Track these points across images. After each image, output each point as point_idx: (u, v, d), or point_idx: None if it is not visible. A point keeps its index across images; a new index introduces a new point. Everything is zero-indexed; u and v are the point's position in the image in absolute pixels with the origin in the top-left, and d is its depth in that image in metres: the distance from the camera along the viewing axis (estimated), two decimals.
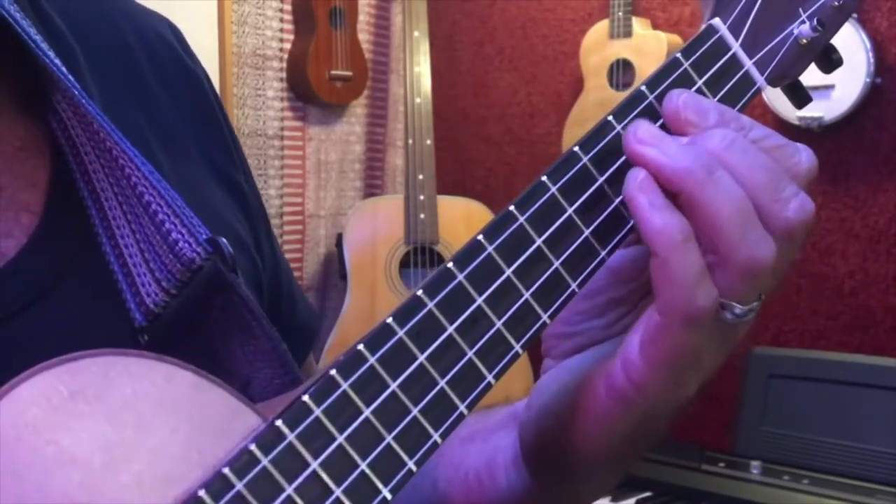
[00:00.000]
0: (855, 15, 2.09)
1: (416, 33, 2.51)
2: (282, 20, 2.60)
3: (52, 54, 0.49)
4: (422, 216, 2.46)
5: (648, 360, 0.43)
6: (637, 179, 0.42)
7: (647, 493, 1.77)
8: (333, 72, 2.59)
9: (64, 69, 0.49)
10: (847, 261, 2.20)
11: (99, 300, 0.49)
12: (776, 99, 2.10)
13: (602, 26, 2.45)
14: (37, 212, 0.50)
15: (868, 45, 2.07)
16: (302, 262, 2.67)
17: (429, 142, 2.49)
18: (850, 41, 2.07)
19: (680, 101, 0.45)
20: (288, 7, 2.60)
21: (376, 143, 2.86)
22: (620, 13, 2.39)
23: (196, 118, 0.61)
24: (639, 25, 2.40)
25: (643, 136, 0.43)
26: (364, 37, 2.75)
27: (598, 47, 2.46)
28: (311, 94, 2.58)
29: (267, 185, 2.56)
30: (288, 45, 2.61)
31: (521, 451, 0.51)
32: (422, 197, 2.47)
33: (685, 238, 0.41)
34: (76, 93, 0.48)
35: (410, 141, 2.49)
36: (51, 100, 0.50)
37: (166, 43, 0.62)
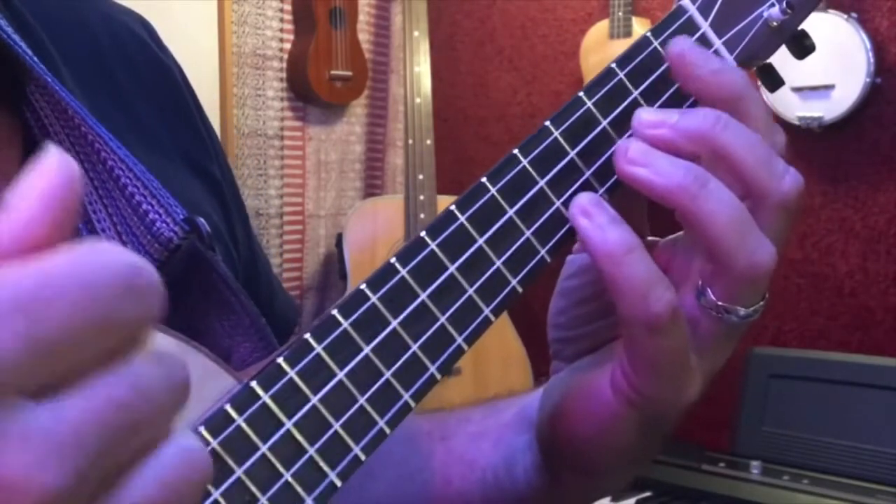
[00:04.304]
0: (855, 15, 2.09)
1: (416, 33, 2.52)
2: (282, 20, 2.60)
3: (24, 45, 0.49)
4: (422, 216, 2.46)
5: (637, 370, 0.43)
6: (579, 205, 0.43)
7: (647, 493, 1.77)
8: (333, 72, 2.59)
9: (36, 58, 0.49)
10: (847, 261, 2.20)
11: None
12: (776, 99, 2.10)
13: (602, 26, 2.45)
14: None
15: (868, 45, 2.06)
16: (302, 262, 2.67)
17: (429, 142, 2.49)
18: (850, 41, 2.07)
19: (685, 46, 0.46)
20: (288, 7, 2.61)
21: (376, 143, 2.86)
22: (620, 13, 2.39)
23: (169, 111, 0.61)
24: (639, 25, 2.40)
25: (633, 156, 0.44)
26: (364, 37, 2.75)
27: (598, 47, 2.46)
28: (311, 94, 2.58)
29: (267, 185, 2.56)
30: (288, 45, 2.61)
31: (541, 457, 0.51)
32: (422, 197, 2.47)
33: (626, 251, 0.42)
34: (49, 80, 0.48)
35: (410, 141, 2.49)
36: (24, 91, 0.50)
37: (138, 39, 0.63)
